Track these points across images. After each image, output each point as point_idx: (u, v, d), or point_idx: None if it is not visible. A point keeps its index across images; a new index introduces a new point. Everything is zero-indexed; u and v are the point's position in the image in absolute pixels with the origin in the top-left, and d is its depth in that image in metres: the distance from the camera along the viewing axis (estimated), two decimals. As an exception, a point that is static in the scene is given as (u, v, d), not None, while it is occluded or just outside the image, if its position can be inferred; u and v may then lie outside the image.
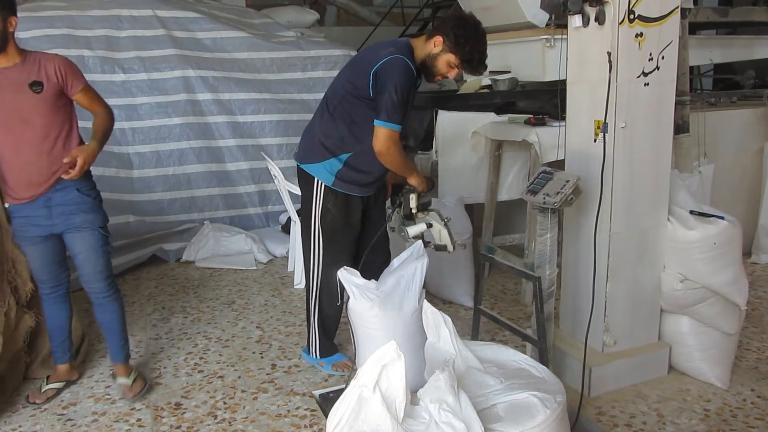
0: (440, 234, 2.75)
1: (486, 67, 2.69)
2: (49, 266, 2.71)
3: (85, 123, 2.68)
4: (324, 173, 2.76)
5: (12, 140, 2.49)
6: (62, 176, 2.49)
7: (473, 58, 2.60)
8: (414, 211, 2.75)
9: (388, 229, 2.81)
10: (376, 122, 2.57)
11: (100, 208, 2.68)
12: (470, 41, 2.58)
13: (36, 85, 2.46)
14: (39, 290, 2.81)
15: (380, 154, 2.62)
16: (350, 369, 2.97)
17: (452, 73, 2.69)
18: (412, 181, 2.75)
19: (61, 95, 2.53)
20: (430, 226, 2.76)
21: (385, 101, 2.53)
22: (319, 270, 2.90)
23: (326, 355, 3.03)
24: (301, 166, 2.84)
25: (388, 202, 2.98)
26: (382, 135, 2.57)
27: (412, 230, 2.73)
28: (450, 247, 2.74)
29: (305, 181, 2.85)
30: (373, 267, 2.71)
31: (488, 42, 2.67)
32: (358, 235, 2.92)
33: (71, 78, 2.53)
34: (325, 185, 2.77)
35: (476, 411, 1.65)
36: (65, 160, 2.45)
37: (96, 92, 2.68)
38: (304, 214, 2.90)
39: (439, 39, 2.60)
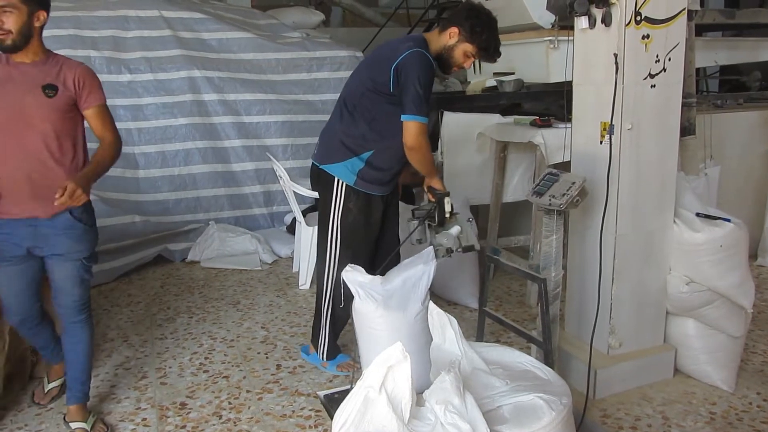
0: (468, 234, 2.73)
1: (500, 54, 2.73)
2: (20, 294, 2.43)
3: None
4: (346, 173, 2.75)
5: (11, 143, 2.27)
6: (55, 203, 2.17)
7: (490, 45, 2.67)
8: (448, 216, 2.71)
9: (413, 241, 2.78)
10: (404, 117, 2.56)
11: (90, 235, 2.44)
12: (486, 30, 2.65)
13: (49, 89, 2.28)
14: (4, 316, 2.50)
15: (412, 149, 2.61)
16: (354, 368, 2.97)
17: (468, 63, 2.72)
18: (435, 183, 2.74)
19: (73, 107, 2.35)
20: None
21: (410, 95, 2.54)
22: (334, 271, 2.88)
23: (332, 356, 3.04)
24: (321, 167, 2.82)
25: (409, 215, 2.95)
26: (414, 129, 2.56)
27: (454, 231, 2.69)
28: (477, 246, 2.72)
29: (325, 181, 2.82)
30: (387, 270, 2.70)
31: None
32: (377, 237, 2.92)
33: (89, 90, 2.36)
34: (346, 185, 2.76)
35: (482, 412, 1.65)
36: (56, 195, 2.12)
37: (111, 116, 2.47)
38: (322, 214, 2.88)
39: (454, 30, 2.64)
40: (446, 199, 2.69)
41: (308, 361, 3.11)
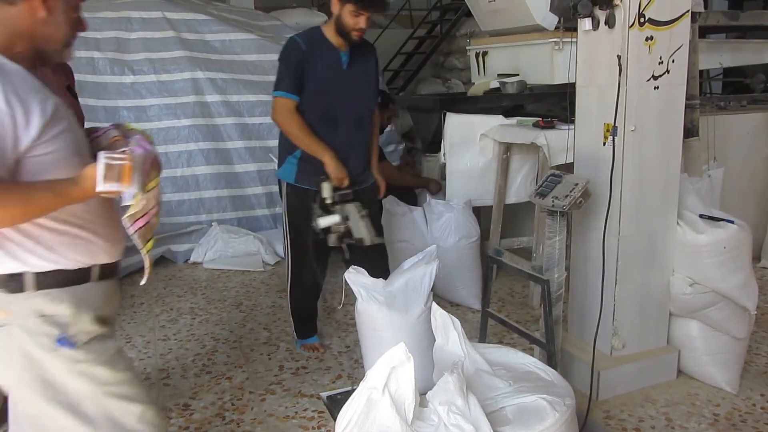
0: (357, 226, 2.67)
1: (385, 3, 2.86)
2: None
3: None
4: (287, 173, 2.97)
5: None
6: None
7: None
8: (329, 201, 2.70)
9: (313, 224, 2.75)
10: (273, 95, 2.82)
11: None
12: None
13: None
14: None
15: (276, 124, 2.86)
16: (318, 351, 3.18)
17: (360, 21, 2.75)
18: (327, 165, 2.77)
19: None
20: (346, 218, 2.67)
21: (276, 75, 2.82)
22: (290, 266, 3.09)
23: (302, 336, 3.25)
24: (279, 177, 3.07)
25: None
26: (275, 105, 2.82)
27: (323, 221, 2.65)
28: (367, 240, 2.66)
29: (280, 187, 3.10)
30: (367, 265, 2.71)
31: (497, 45, 2.70)
32: None
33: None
34: (287, 184, 2.98)
35: (485, 413, 1.65)
36: None
37: None
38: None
39: (333, 1, 2.79)
40: (324, 185, 2.71)
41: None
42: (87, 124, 2.49)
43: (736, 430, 2.47)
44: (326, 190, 2.70)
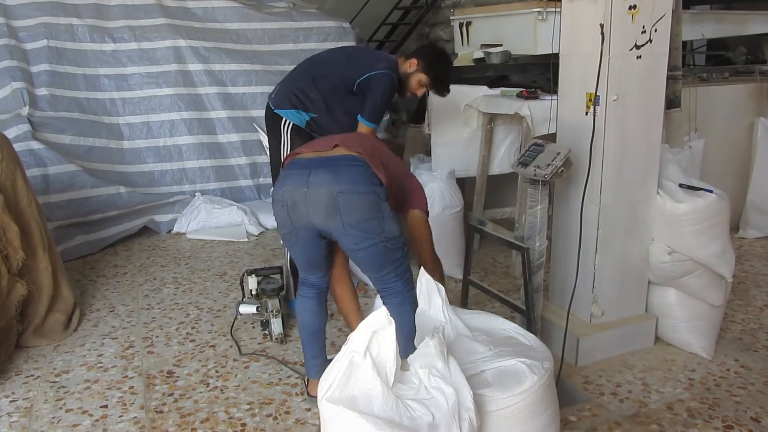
0: (270, 321, 3.04)
1: (449, 91, 3.18)
2: None
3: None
4: (297, 119, 3.12)
5: None
6: None
7: (440, 80, 3.11)
8: (253, 293, 3.07)
9: None
10: (360, 118, 3.02)
11: None
12: (439, 65, 3.10)
13: None
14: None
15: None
16: None
17: (420, 91, 3.14)
18: None
19: None
20: (265, 311, 3.04)
21: (372, 105, 3.00)
22: None
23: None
24: (276, 110, 3.15)
25: None
26: (365, 129, 3.01)
27: (243, 308, 3.01)
28: (273, 336, 3.03)
29: (274, 122, 3.16)
30: None
31: (482, 14, 2.72)
32: None
33: None
34: (293, 124, 3.12)
35: (465, 377, 1.68)
36: None
37: None
38: (273, 154, 3.21)
39: (414, 61, 3.08)
40: (249, 278, 3.06)
41: None
42: (66, 93, 2.50)
43: (710, 394, 2.54)
44: (252, 282, 3.05)
